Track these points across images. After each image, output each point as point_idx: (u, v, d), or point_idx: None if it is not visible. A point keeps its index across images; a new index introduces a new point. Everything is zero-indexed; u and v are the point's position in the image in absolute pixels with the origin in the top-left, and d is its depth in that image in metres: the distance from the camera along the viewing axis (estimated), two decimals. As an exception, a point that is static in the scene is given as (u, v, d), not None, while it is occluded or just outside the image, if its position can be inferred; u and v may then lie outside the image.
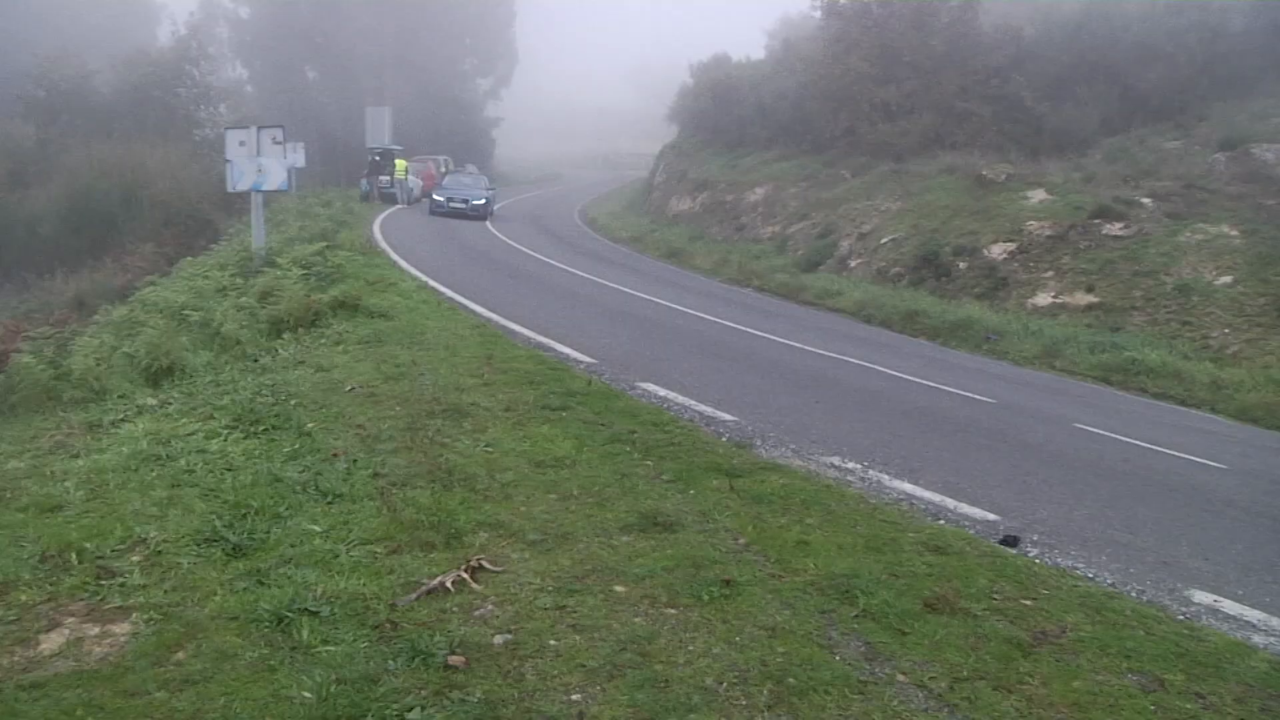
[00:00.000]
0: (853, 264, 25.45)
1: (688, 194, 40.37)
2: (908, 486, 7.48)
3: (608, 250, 31.50)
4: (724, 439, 8.26)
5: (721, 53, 50.55)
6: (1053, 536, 6.74)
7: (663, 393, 9.83)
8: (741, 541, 5.77)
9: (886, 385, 12.24)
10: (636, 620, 4.70)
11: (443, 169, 46.55)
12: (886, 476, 7.69)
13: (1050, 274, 20.42)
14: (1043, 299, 19.87)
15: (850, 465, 7.91)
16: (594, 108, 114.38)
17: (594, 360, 11.16)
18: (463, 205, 36.04)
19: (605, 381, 10.08)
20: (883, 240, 25.09)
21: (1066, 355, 16.20)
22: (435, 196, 36.71)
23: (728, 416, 9.07)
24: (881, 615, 4.91)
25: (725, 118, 43.09)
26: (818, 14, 36.07)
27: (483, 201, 36.82)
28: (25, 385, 10.37)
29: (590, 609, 4.80)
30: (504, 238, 28.80)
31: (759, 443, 8.25)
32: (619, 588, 5.05)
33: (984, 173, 25.18)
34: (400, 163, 40.24)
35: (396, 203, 38.18)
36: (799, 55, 37.56)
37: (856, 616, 4.89)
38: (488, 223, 34.64)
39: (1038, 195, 23.31)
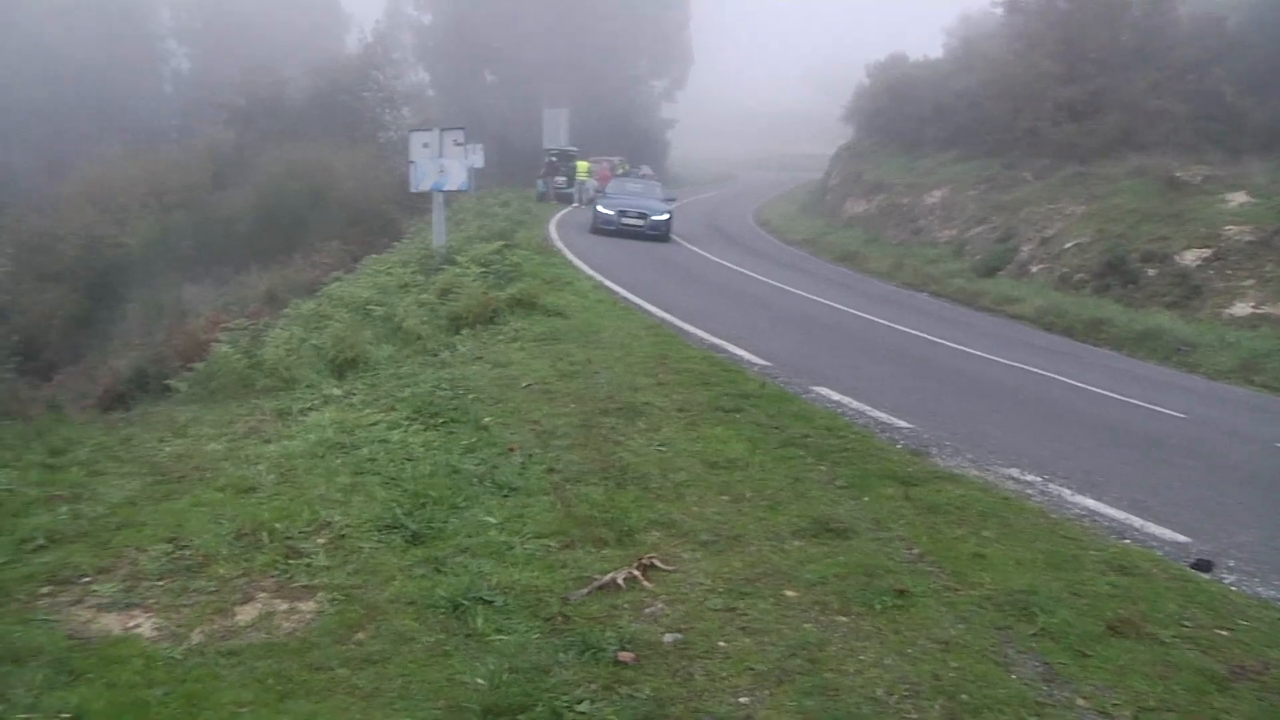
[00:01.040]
0: (1033, 269, 24.59)
1: (863, 196, 39.76)
2: (1090, 502, 7.16)
3: (781, 252, 31.31)
4: (899, 446, 8.09)
5: (899, 52, 49.42)
6: (1253, 564, 6.24)
7: (836, 397, 9.69)
8: (915, 551, 5.64)
9: (1068, 396, 11.80)
10: (807, 626, 4.65)
11: (618, 170, 46.95)
12: (1068, 491, 7.38)
13: (1251, 282, 19.21)
14: (1241, 309, 18.69)
15: (1029, 478, 7.63)
16: (768, 109, 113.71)
17: (767, 362, 11.09)
18: (638, 223, 27.89)
19: (779, 384, 10.00)
20: (1066, 245, 24.16)
21: (1268, 370, 15.15)
22: (601, 209, 28.51)
23: (903, 423, 8.88)
24: (1061, 635, 4.70)
25: (902, 118, 42.21)
26: (999, 10, 34.92)
27: (664, 217, 28.40)
28: (223, 373, 10.94)
29: (761, 612, 4.77)
30: (678, 238, 28.88)
31: (934, 451, 8.04)
32: (790, 592, 5.01)
33: (1177, 174, 23.85)
34: (581, 164, 40.81)
35: (573, 203, 38.68)
36: (979, 54, 36.42)
37: (1034, 635, 4.70)
38: None
39: (1238, 198, 21.97)
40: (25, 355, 17.74)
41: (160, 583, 5.20)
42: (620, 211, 28.11)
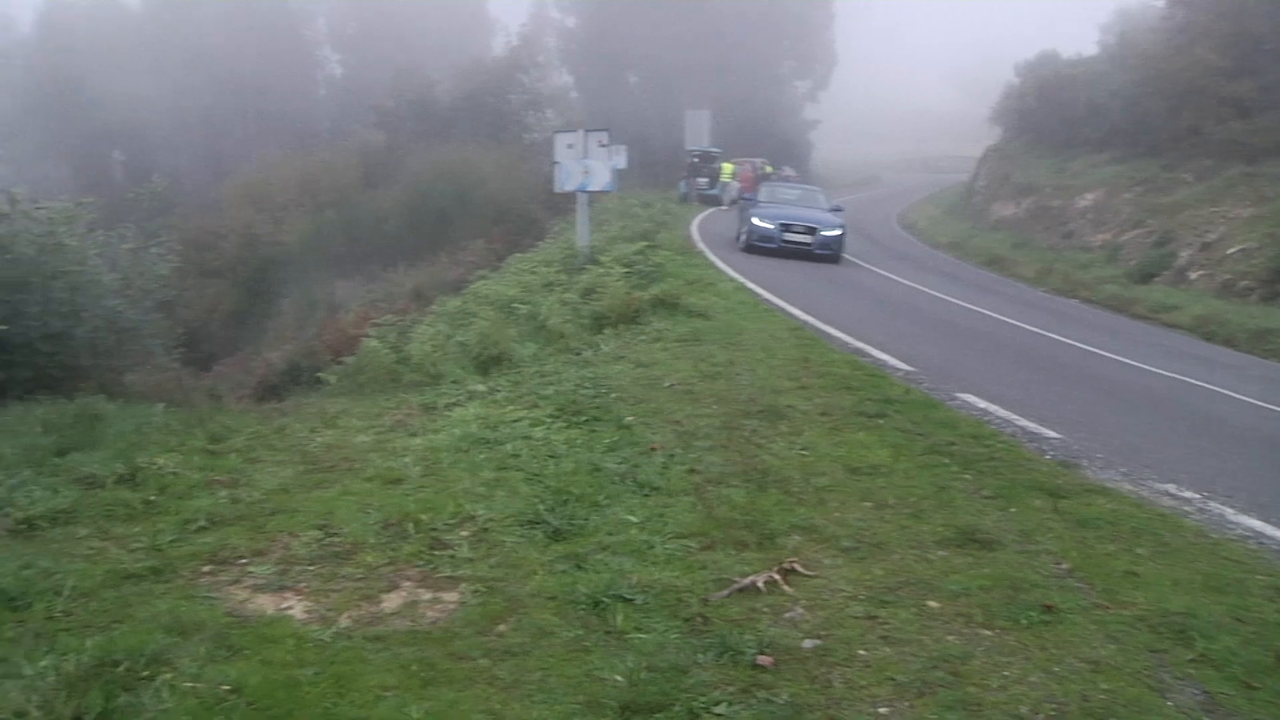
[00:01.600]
0: (1193, 276, 23.59)
1: (1011, 199, 38.77)
2: (1256, 523, 6.75)
3: (926, 256, 30.75)
4: (1047, 456, 7.84)
5: (1050, 50, 47.96)
6: None
7: (982, 404, 9.46)
8: (1064, 566, 5.46)
9: (1231, 410, 11.27)
10: (950, 638, 4.54)
11: (761, 171, 46.72)
12: (1230, 510, 7.00)
13: None
14: None
15: (1188, 495, 7.30)
16: (912, 110, 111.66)
17: (912, 368, 10.90)
18: (804, 240, 23.13)
19: (923, 390, 9.81)
20: (1230, 250, 23.08)
21: None
22: (758, 222, 23.46)
23: (1052, 433, 8.60)
24: (1223, 663, 4.45)
25: (1053, 119, 40.98)
26: (1160, 3, 33.55)
27: (837, 233, 23.44)
28: (372, 367, 11.27)
29: (902, 622, 4.68)
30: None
31: (1085, 463, 7.77)
32: (933, 603, 4.91)
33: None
34: (727, 165, 40.76)
35: (715, 205, 38.62)
36: (1136, 50, 34.98)
37: (1193, 661, 4.47)
38: None
39: None
40: (188, 346, 18.54)
41: (311, 567, 5.40)
42: (782, 225, 23.15)
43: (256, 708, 3.87)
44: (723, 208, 37.92)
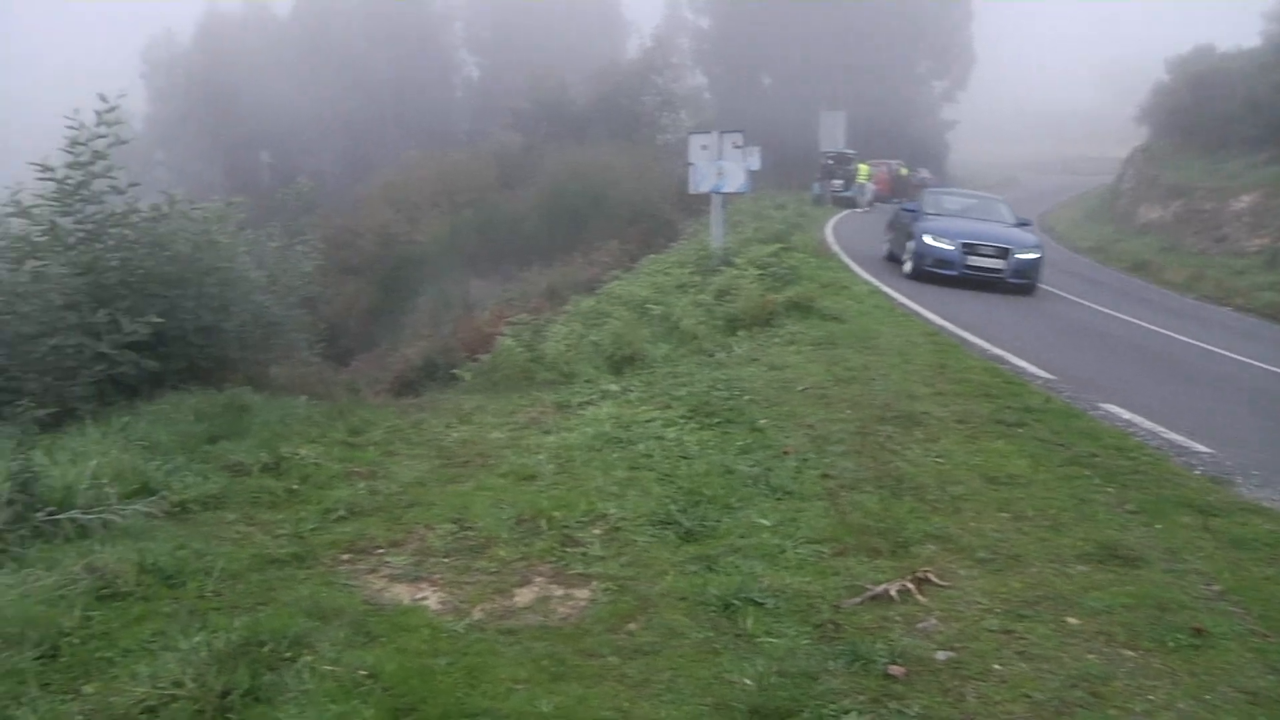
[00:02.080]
0: (1360, 284, 22.42)
1: (1158, 201, 37.30)
2: None
3: (1067, 260, 29.81)
4: (1196, 472, 7.49)
5: (1205, 43, 45.98)
6: None
7: (1127, 415, 9.12)
8: (1215, 588, 5.19)
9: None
10: (1090, 657, 4.38)
11: (897, 174, 46.06)
12: None
13: None
14: None
15: (1355, 519, 6.91)
16: (1053, 109, 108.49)
17: (1052, 376, 10.58)
18: (995, 265, 18.35)
19: (1064, 399, 9.51)
20: (1400, 258, 21.89)
21: None
22: (932, 242, 18.66)
23: (1201, 448, 8.23)
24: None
25: (1206, 116, 39.16)
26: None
27: (1034, 256, 19.01)
28: (506, 365, 11.44)
29: (1040, 638, 4.54)
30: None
31: (1239, 480, 7.38)
32: (1072, 619, 4.75)
33: None
34: (863, 167, 40.29)
35: (849, 207, 38.21)
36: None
37: (1363, 699, 4.19)
38: None
39: None
40: (328, 341, 19.08)
41: (446, 560, 5.55)
42: (965, 246, 18.34)
43: (392, 693, 3.99)
44: (858, 210, 37.46)
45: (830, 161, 41.79)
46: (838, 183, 40.51)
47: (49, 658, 4.31)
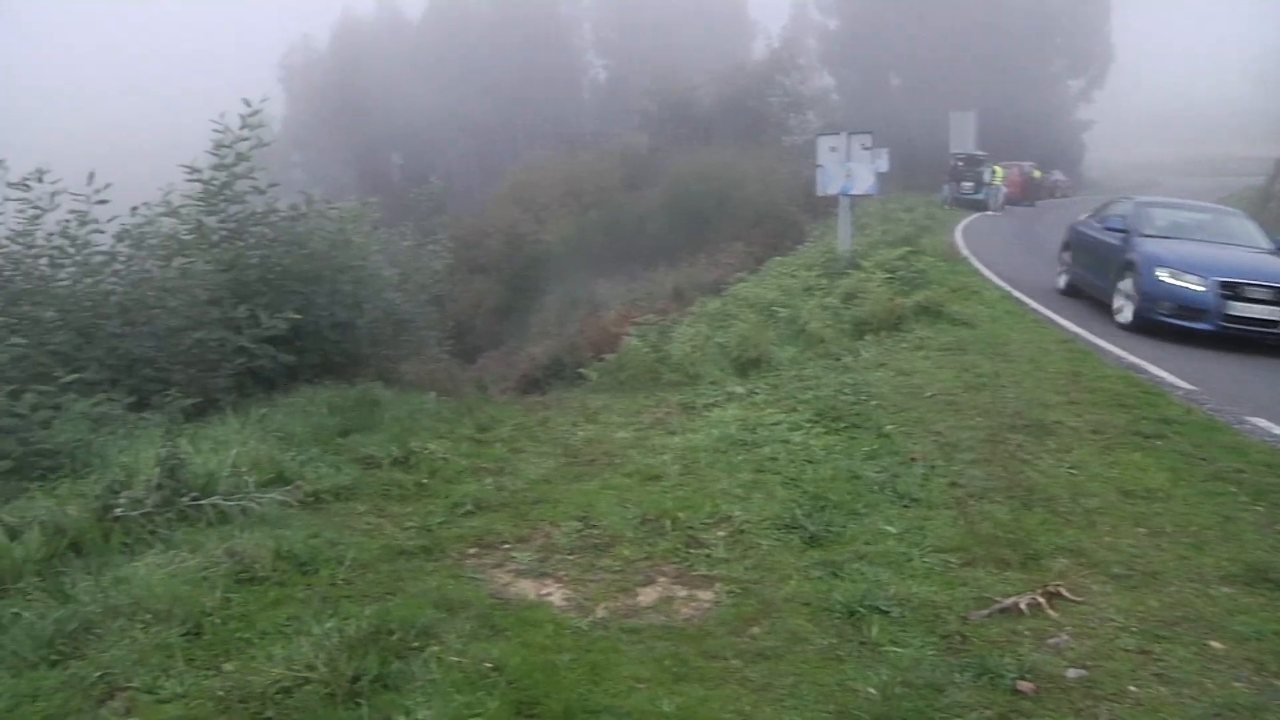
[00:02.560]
0: None
1: (1314, 204, 35.56)
2: None
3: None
4: (1356, 493, 7.11)
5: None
6: None
7: (1278, 430, 8.71)
8: (1378, 618, 4.92)
9: None
10: (1236, 685, 4.16)
11: (1030, 176, 44.95)
12: None
13: None
14: None
15: None
16: (1199, 107, 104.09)
17: (1193, 387, 10.15)
18: (1273, 319, 12.43)
19: (1206, 411, 9.11)
20: None
21: None
22: (1169, 279, 12.97)
23: (1363, 469, 7.78)
24: None
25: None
26: None
27: None
28: (632, 365, 11.51)
29: (1179, 661, 4.35)
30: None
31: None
32: (1215, 644, 4.53)
33: None
34: (998, 169, 39.41)
35: (979, 210, 37.43)
36: None
37: None
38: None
39: None
40: (456, 339, 19.48)
41: (570, 557, 5.62)
42: (1224, 286, 12.65)
43: (516, 687, 4.06)
44: (990, 213, 36.64)
45: (960, 164, 40.91)
46: (967, 185, 39.63)
47: (193, 635, 4.56)
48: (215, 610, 4.76)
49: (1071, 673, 4.22)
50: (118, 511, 5.79)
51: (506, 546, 5.83)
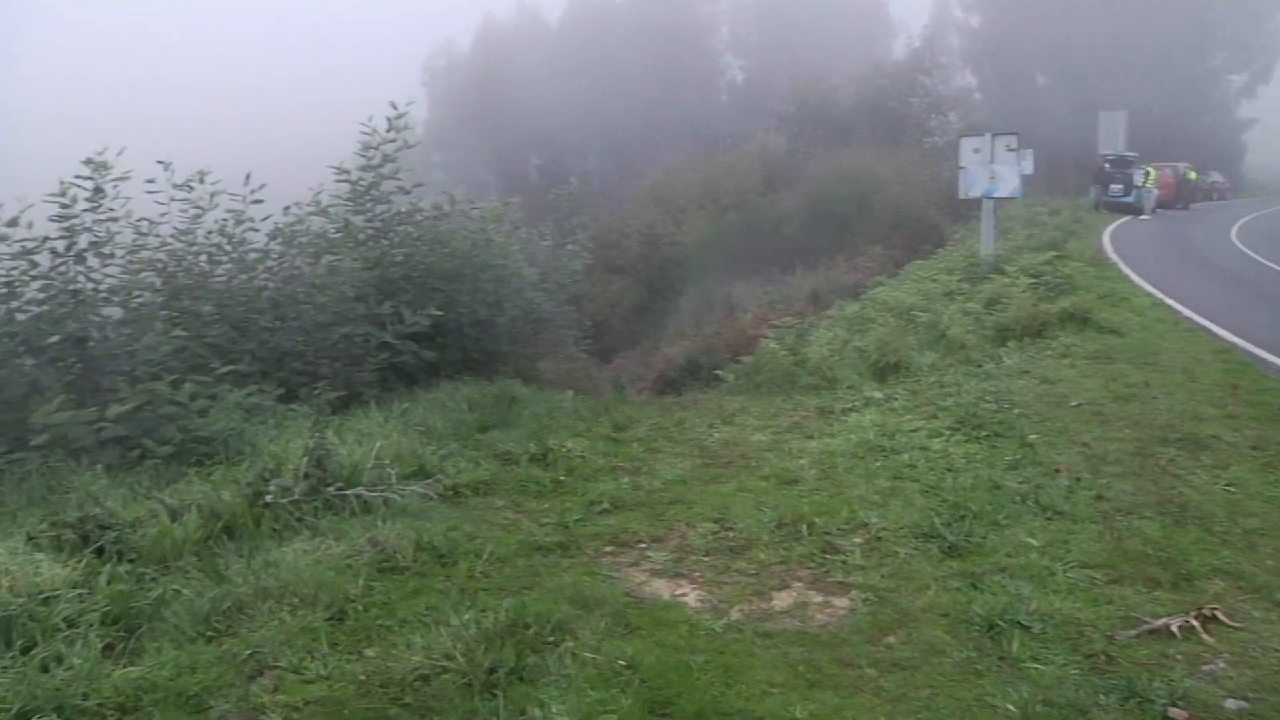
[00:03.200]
0: None
1: None
2: None
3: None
4: None
5: None
6: None
7: None
8: None
9: None
10: None
11: (1184, 178, 43.16)
12: None
13: None
14: None
15: None
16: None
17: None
18: None
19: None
20: None
21: None
22: None
23: None
24: None
25: None
26: None
27: None
28: (769, 368, 11.49)
29: (1355, 698, 4.10)
30: (1248, 250, 25.58)
31: None
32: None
33: None
34: (1151, 170, 37.97)
35: (1129, 213, 36.10)
36: None
37: None
38: (1231, 232, 29.47)
39: None
40: (592, 338, 19.66)
41: (706, 558, 5.65)
42: None
43: (649, 685, 4.09)
44: (1141, 217, 35.32)
45: (1108, 165, 39.44)
46: (1116, 187, 38.18)
47: (337, 620, 4.75)
48: (358, 597, 4.94)
49: (1230, 703, 4.00)
50: (268, 498, 6.03)
51: (642, 545, 5.88)
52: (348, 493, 6.34)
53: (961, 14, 65.94)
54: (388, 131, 12.05)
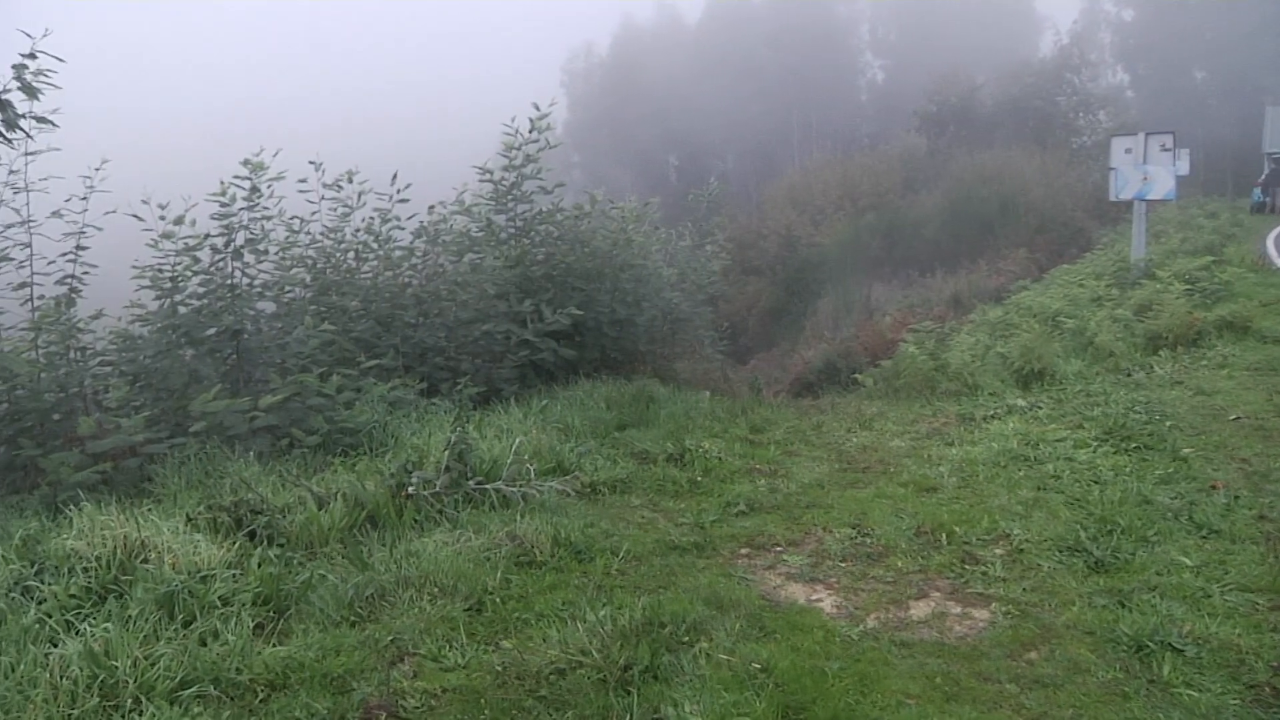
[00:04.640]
0: None
1: None
2: None
3: None
4: None
5: None
6: None
7: None
8: None
9: None
10: None
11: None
12: None
13: None
14: None
15: None
16: None
17: None
18: None
19: None
20: None
21: None
22: None
23: None
24: None
25: None
26: None
27: None
28: (908, 372, 11.31)
29: None
30: None
31: None
32: None
33: None
34: None
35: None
36: None
37: None
38: None
39: None
40: (729, 339, 19.65)
41: (842, 564, 5.58)
42: None
43: (783, 690, 4.06)
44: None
45: (1276, 165, 37.58)
46: (1284, 188, 36.36)
47: (475, 611, 4.86)
48: (496, 589, 5.03)
49: None
50: (410, 490, 6.19)
51: (778, 549, 5.85)
52: (487, 487, 6.47)
53: (1113, 8, 64.04)
54: (530, 132, 12.23)
